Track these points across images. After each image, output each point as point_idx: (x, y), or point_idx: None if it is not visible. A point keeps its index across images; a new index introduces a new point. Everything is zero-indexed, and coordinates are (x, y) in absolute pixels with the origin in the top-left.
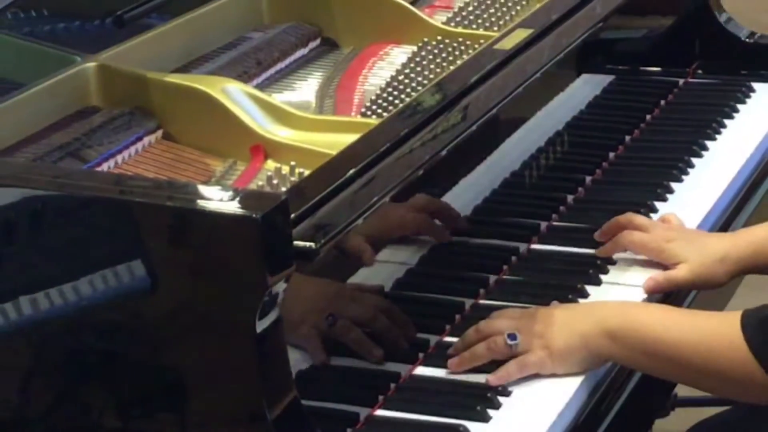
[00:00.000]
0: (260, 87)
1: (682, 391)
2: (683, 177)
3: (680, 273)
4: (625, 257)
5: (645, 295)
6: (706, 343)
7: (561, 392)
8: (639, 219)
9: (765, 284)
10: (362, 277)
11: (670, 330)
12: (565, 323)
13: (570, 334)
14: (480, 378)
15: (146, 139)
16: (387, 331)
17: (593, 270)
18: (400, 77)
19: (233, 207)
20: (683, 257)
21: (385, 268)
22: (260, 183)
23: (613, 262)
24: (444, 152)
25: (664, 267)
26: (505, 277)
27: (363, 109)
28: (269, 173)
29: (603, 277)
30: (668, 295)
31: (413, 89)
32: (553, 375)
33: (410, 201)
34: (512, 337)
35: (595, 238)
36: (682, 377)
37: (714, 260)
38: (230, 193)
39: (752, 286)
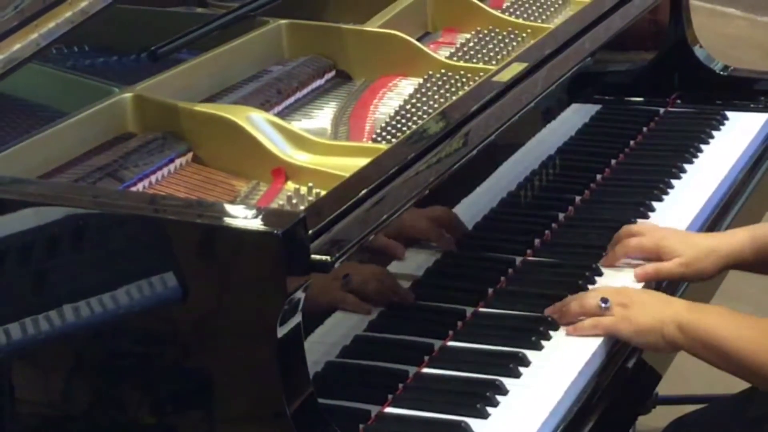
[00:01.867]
0: (281, 115)
1: (662, 390)
2: (664, 197)
3: (670, 265)
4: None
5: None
6: (762, 347)
7: (553, 391)
8: (634, 227)
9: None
10: None
11: (732, 333)
12: (646, 305)
13: (651, 317)
14: (479, 378)
15: (177, 161)
16: (392, 288)
17: (582, 281)
18: (408, 106)
19: (257, 224)
20: (678, 253)
21: None
22: (281, 202)
23: (600, 273)
24: (447, 174)
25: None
26: (502, 287)
27: (374, 136)
28: (289, 193)
29: (590, 287)
30: (659, 284)
31: (419, 117)
32: (547, 376)
33: (427, 210)
34: (605, 300)
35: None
36: (737, 372)
37: (704, 254)
38: (254, 211)
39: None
